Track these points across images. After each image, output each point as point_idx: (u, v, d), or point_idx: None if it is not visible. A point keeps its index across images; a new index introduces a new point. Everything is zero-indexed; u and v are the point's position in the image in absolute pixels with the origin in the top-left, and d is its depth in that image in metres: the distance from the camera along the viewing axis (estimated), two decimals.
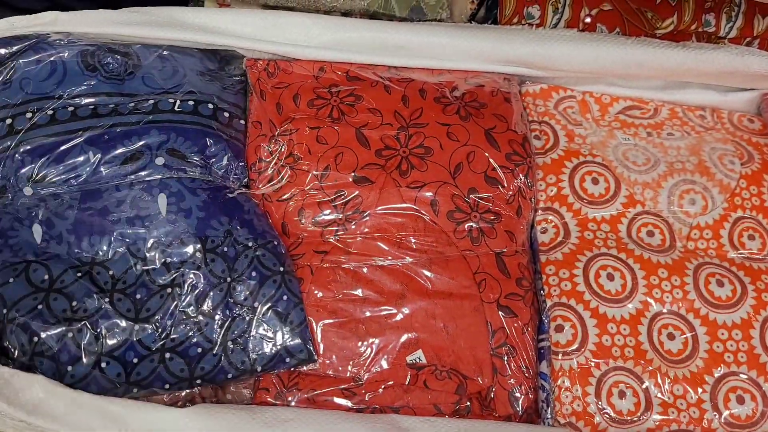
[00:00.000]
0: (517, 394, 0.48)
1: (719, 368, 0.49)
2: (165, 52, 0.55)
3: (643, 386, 0.48)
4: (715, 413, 0.47)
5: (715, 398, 0.48)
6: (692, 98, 0.59)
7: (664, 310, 0.50)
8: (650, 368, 0.48)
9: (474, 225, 0.51)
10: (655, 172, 0.55)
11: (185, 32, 0.54)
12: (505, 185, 0.52)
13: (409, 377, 0.48)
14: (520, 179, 0.53)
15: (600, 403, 0.47)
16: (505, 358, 0.49)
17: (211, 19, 0.55)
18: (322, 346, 0.49)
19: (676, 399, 0.48)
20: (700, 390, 0.48)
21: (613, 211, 0.53)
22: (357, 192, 0.52)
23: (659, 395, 0.48)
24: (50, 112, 0.53)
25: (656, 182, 0.54)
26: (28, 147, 0.51)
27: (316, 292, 0.50)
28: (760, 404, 0.48)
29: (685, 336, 0.49)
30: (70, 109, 0.53)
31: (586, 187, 0.54)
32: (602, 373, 0.48)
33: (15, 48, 0.54)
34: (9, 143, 0.52)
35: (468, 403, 0.48)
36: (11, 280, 0.47)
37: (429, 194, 0.51)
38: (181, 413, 0.43)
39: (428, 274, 0.50)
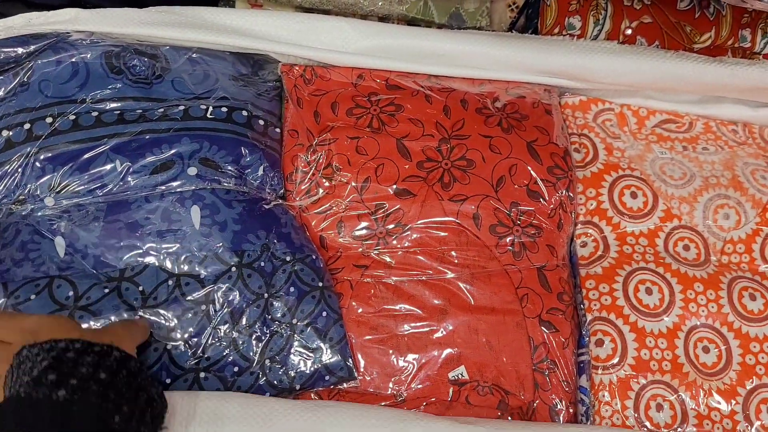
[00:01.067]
0: (558, 408, 0.50)
1: (751, 380, 0.51)
2: (195, 55, 0.54)
3: (680, 399, 0.49)
4: (747, 424, 0.50)
5: (747, 409, 0.50)
6: (725, 113, 0.60)
7: (699, 324, 0.51)
8: (686, 381, 0.50)
9: (516, 239, 0.52)
10: (692, 186, 0.56)
11: (216, 34, 0.52)
12: (547, 199, 0.53)
13: (451, 393, 0.49)
14: (562, 193, 0.53)
15: (638, 416, 0.49)
16: (547, 373, 0.50)
17: (244, 21, 0.53)
18: (362, 362, 0.49)
19: (711, 411, 0.50)
20: (733, 402, 0.50)
21: (651, 225, 0.54)
22: (398, 205, 0.51)
23: (694, 407, 0.49)
24: (72, 117, 0.51)
25: (692, 197, 0.55)
26: (49, 154, 0.49)
27: (356, 307, 0.50)
28: None
29: (719, 349, 0.51)
30: (94, 114, 0.51)
31: (624, 201, 0.55)
32: (641, 386, 0.49)
33: (33, 47, 0.52)
34: (28, 149, 0.50)
35: (509, 419, 0.49)
36: (33, 296, 0.46)
37: (471, 208, 0.52)
38: None
39: (470, 288, 0.51)
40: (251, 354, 0.47)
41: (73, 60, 0.52)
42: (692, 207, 0.55)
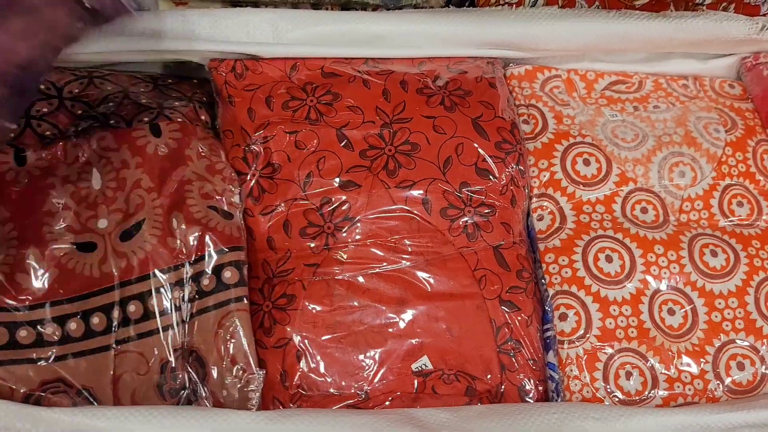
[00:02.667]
0: (527, 388, 0.49)
1: (719, 337, 0.51)
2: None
3: (648, 364, 0.50)
4: (717, 382, 0.50)
5: (716, 368, 0.50)
6: (674, 68, 0.60)
7: (663, 287, 0.52)
8: (654, 346, 0.50)
9: (469, 220, 0.51)
10: (645, 147, 0.56)
11: (138, 41, 0.51)
12: (497, 175, 0.52)
13: (416, 385, 0.49)
14: (512, 168, 0.53)
15: (608, 386, 0.49)
16: (512, 353, 0.50)
17: (167, 22, 0.51)
18: (322, 364, 0.48)
19: (681, 373, 0.50)
20: (702, 361, 0.50)
21: (607, 191, 0.54)
22: (344, 197, 0.50)
23: (664, 371, 0.50)
24: None
25: (646, 158, 0.55)
26: None
27: (310, 308, 0.49)
28: (759, 368, 0.51)
29: (684, 310, 0.51)
30: None
31: (578, 170, 0.54)
32: (608, 356, 0.49)
33: None
34: None
35: (479, 404, 0.49)
36: None
37: (420, 193, 0.51)
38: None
39: (427, 276, 0.50)
40: None
41: None
42: (647, 168, 0.55)
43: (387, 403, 0.48)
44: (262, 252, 0.52)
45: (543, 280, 0.52)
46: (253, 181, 0.51)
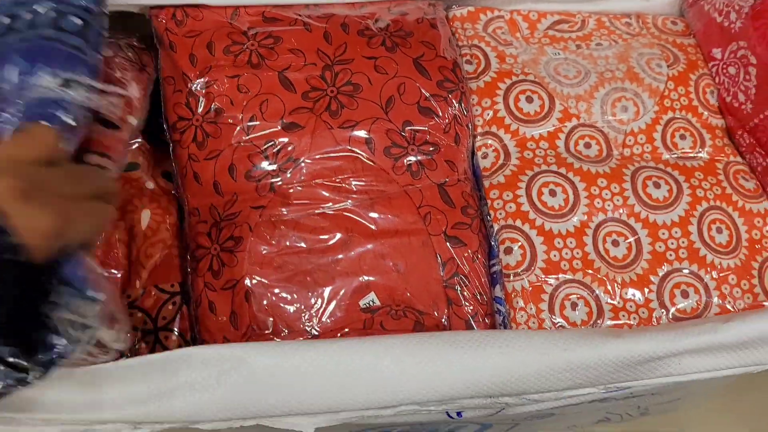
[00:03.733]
0: (474, 322, 0.51)
1: (662, 267, 0.52)
2: None
3: (594, 295, 0.51)
4: (662, 310, 0.51)
5: (661, 296, 0.52)
6: (617, 6, 0.61)
7: (607, 218, 0.53)
8: (599, 276, 0.51)
9: (413, 159, 0.52)
10: (587, 83, 0.57)
11: None
12: (440, 114, 0.53)
13: (364, 322, 0.50)
14: (455, 106, 0.53)
15: (554, 317, 0.50)
16: (458, 288, 0.51)
17: None
18: (271, 303, 0.49)
19: (626, 302, 0.51)
20: (646, 290, 0.52)
21: (550, 127, 0.55)
22: (287, 139, 0.51)
23: (609, 301, 0.51)
24: None
25: (589, 94, 0.56)
26: None
27: (257, 249, 0.50)
28: (703, 296, 0.52)
29: (628, 241, 0.53)
30: None
31: (521, 107, 0.55)
32: (553, 288, 0.51)
33: None
34: None
35: None
36: None
37: (363, 133, 0.52)
38: None
39: (372, 214, 0.51)
40: None
41: None
42: (589, 104, 0.56)
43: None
44: (209, 197, 0.52)
45: (488, 216, 0.53)
46: (197, 127, 0.52)
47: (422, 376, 0.41)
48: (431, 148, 0.53)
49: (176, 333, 0.52)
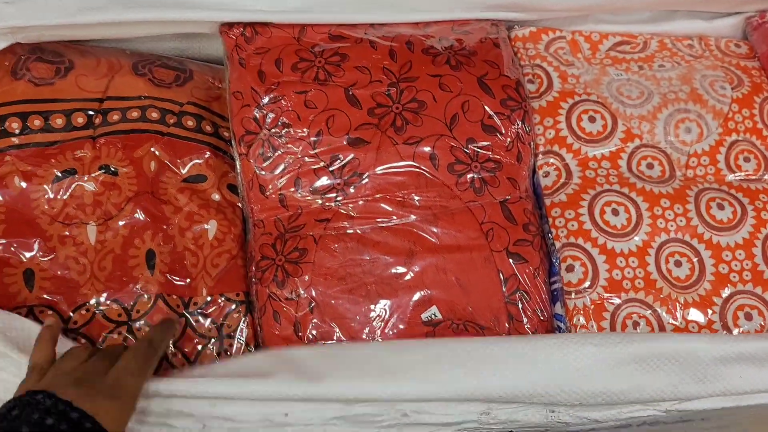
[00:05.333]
0: None
1: (726, 288, 0.53)
2: None
3: (656, 315, 0.51)
4: (725, 332, 0.51)
5: (724, 318, 0.52)
6: (679, 28, 0.61)
7: (669, 239, 0.53)
8: (661, 296, 0.52)
9: (475, 175, 0.53)
10: (650, 104, 0.57)
11: (150, 10, 0.54)
12: (503, 132, 0.54)
13: (426, 335, 0.51)
14: (518, 125, 0.55)
15: None
16: (520, 304, 0.52)
17: None
18: (334, 314, 0.51)
19: (688, 323, 0.52)
20: (710, 312, 0.52)
21: (612, 147, 0.56)
22: (353, 155, 0.53)
23: (671, 321, 0.51)
24: None
25: (652, 114, 0.57)
26: None
27: (321, 260, 0.52)
28: (767, 318, 0.52)
29: (691, 262, 0.53)
30: None
31: (583, 126, 0.56)
32: (615, 306, 0.51)
33: None
34: None
35: None
36: None
37: (427, 149, 0.53)
38: None
39: (435, 229, 0.52)
40: None
41: None
42: (652, 125, 0.57)
43: None
44: (274, 209, 0.54)
45: (549, 234, 0.54)
46: (264, 140, 0.54)
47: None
48: (494, 166, 0.54)
49: (241, 341, 0.54)
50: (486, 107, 0.54)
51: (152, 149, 0.56)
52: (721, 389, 0.45)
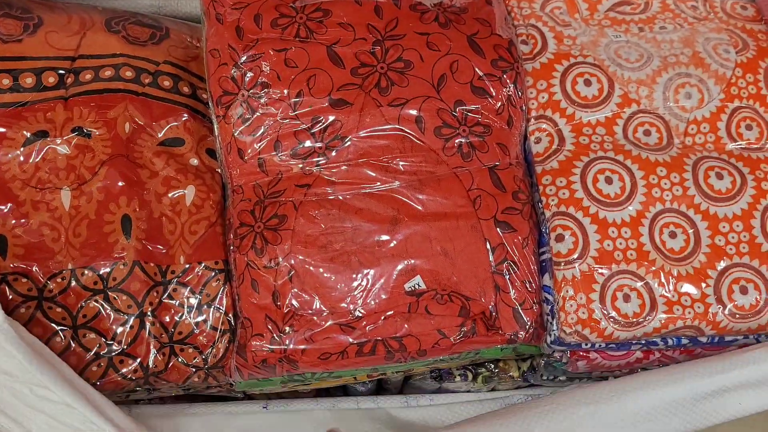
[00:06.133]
0: (522, 310, 0.50)
1: (721, 261, 0.51)
2: None
3: (647, 287, 0.50)
4: (719, 306, 0.50)
5: (719, 291, 0.50)
6: None
7: (664, 209, 0.51)
8: (653, 268, 0.50)
9: (463, 140, 0.51)
10: (649, 68, 0.54)
11: None
12: (494, 95, 0.51)
13: (409, 305, 0.49)
14: (509, 87, 0.52)
15: (605, 308, 0.49)
16: (507, 274, 0.50)
17: None
18: (314, 283, 0.49)
19: (681, 296, 0.50)
20: (703, 285, 0.50)
21: (608, 112, 0.53)
22: (335, 116, 0.50)
23: (664, 294, 0.50)
24: None
25: (651, 78, 0.54)
26: None
27: (302, 228, 0.50)
28: (764, 292, 0.50)
29: (686, 233, 0.51)
30: None
31: (578, 90, 0.53)
32: (605, 278, 0.49)
33: None
34: None
35: (473, 325, 0.49)
36: None
37: (413, 111, 0.51)
38: None
39: (420, 196, 0.50)
40: None
41: None
42: (651, 89, 0.54)
43: (380, 322, 0.49)
44: (253, 174, 0.52)
45: (540, 203, 0.52)
46: (242, 101, 0.51)
47: None
48: (483, 130, 0.51)
49: (220, 310, 0.52)
50: (476, 68, 0.51)
51: (126, 110, 0.54)
52: (722, 419, 0.44)
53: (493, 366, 0.58)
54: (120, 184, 0.52)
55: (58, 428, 0.42)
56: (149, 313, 0.51)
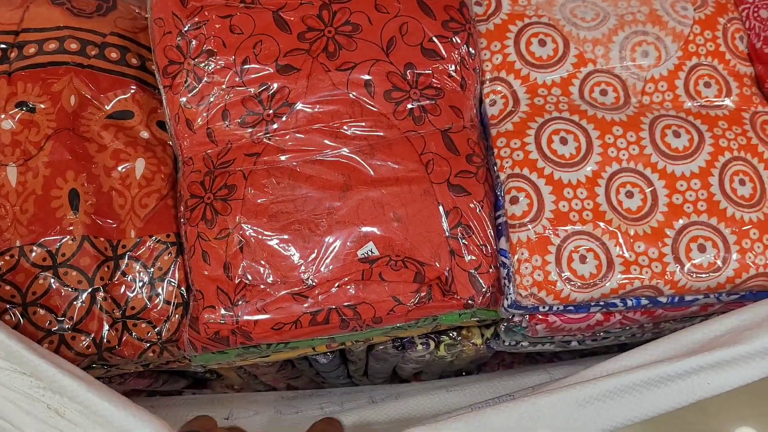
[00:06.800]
0: (478, 274, 0.49)
1: (679, 220, 0.50)
2: None
3: (604, 247, 0.49)
4: (677, 265, 0.49)
5: (676, 250, 0.49)
6: None
7: (621, 168, 0.50)
8: (610, 229, 0.49)
9: (415, 103, 0.50)
10: (605, 26, 0.53)
11: None
12: (445, 56, 0.50)
13: (362, 272, 0.48)
14: (462, 49, 0.51)
15: (561, 270, 0.48)
16: (462, 238, 0.49)
17: None
18: (266, 253, 0.48)
19: (638, 256, 0.49)
20: (661, 244, 0.49)
21: (564, 72, 0.52)
22: (283, 83, 0.49)
23: (621, 254, 0.49)
24: None
25: (607, 37, 0.53)
26: None
27: (251, 197, 0.49)
28: (722, 251, 0.49)
29: (643, 193, 0.50)
30: None
31: (533, 51, 0.52)
32: (561, 239, 0.49)
33: None
34: None
35: (428, 290, 0.48)
36: None
37: (362, 75, 0.49)
38: None
39: (371, 161, 0.49)
40: None
41: None
42: (607, 48, 0.53)
43: (333, 290, 0.48)
44: (202, 145, 0.51)
45: (495, 166, 0.51)
46: (188, 70, 0.50)
47: None
48: (435, 93, 0.50)
49: (173, 283, 0.52)
50: (426, 30, 0.50)
51: (72, 83, 0.52)
52: (692, 399, 0.44)
53: (455, 333, 0.57)
54: (67, 158, 0.51)
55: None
56: (101, 289, 0.50)
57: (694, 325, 0.47)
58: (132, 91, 0.54)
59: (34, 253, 0.49)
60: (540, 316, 0.51)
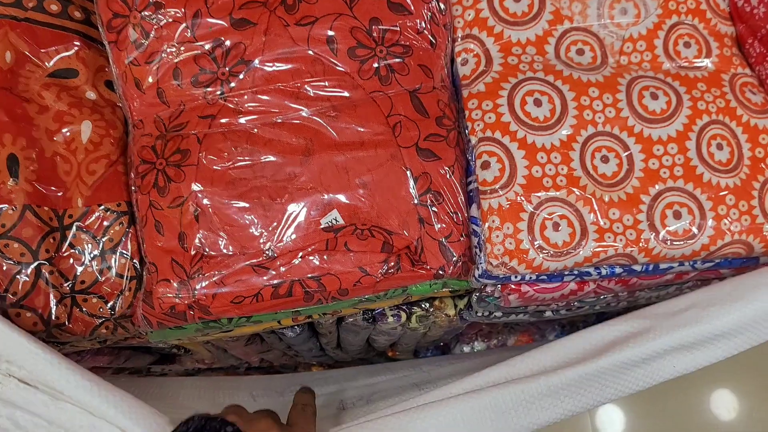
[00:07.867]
0: (448, 243, 0.47)
1: (655, 186, 0.48)
2: None
3: (578, 214, 0.47)
4: (652, 233, 0.48)
5: (651, 217, 0.48)
6: None
7: (597, 132, 0.48)
8: (585, 195, 0.47)
9: (381, 62, 0.47)
10: None
11: None
12: (413, 11, 0.47)
13: (327, 242, 0.46)
14: (431, 3, 0.47)
15: (533, 238, 0.46)
16: (431, 205, 0.46)
17: None
18: (223, 222, 0.45)
19: (613, 223, 0.47)
20: (635, 210, 0.48)
21: (539, 30, 0.49)
22: (238, 38, 0.45)
23: (595, 221, 0.47)
24: None
25: None
26: None
27: (207, 163, 0.45)
28: (697, 217, 0.48)
29: (620, 156, 0.48)
30: None
31: (507, 6, 0.49)
32: (534, 206, 0.46)
33: None
34: None
35: (397, 260, 0.46)
36: None
37: (324, 31, 0.46)
38: None
39: (335, 124, 0.46)
40: None
41: None
42: (584, 5, 0.50)
43: (296, 261, 0.45)
44: (153, 106, 0.47)
45: (466, 129, 0.48)
46: (135, 24, 0.46)
47: None
48: (402, 51, 0.47)
49: (126, 255, 0.48)
50: None
51: (7, 37, 0.47)
52: (657, 380, 0.44)
53: (427, 305, 0.55)
54: (3, 119, 0.46)
55: None
56: (46, 262, 0.46)
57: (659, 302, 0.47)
58: (76, 47, 0.49)
59: None
60: (512, 286, 0.49)
